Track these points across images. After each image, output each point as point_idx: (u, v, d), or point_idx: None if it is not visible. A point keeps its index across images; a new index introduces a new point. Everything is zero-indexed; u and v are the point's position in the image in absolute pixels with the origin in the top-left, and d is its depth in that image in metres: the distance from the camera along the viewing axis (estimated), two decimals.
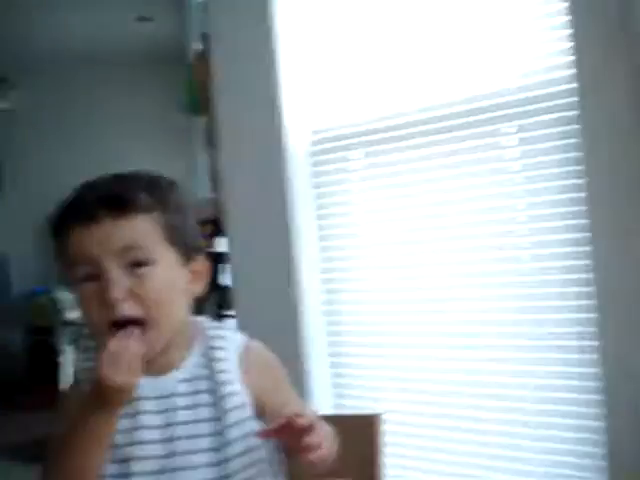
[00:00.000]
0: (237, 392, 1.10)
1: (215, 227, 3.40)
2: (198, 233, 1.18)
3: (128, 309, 1.02)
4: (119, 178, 1.11)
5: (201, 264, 1.15)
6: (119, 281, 1.02)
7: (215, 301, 3.43)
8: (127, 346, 0.99)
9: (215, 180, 3.19)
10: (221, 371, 1.11)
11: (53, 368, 5.28)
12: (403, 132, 2.31)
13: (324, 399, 2.55)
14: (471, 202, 2.19)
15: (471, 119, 2.14)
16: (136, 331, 1.01)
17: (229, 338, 1.16)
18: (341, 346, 2.59)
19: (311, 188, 2.56)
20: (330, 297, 2.58)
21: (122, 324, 1.02)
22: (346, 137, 2.46)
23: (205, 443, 1.07)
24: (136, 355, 0.99)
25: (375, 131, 2.39)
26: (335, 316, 2.58)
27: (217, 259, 3.41)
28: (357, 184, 2.49)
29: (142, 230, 1.06)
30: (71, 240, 1.06)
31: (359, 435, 1.39)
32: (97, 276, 1.04)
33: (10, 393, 6.04)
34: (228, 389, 1.10)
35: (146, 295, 1.04)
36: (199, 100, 3.28)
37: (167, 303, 1.07)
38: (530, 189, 2.06)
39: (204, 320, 1.20)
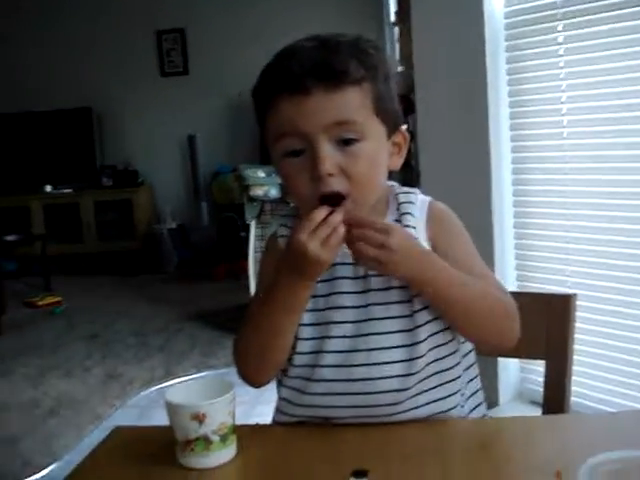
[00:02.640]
0: None
1: (405, 104, 3.35)
2: (399, 101, 1.12)
3: (337, 184, 1.01)
4: (325, 44, 1.03)
5: (401, 136, 1.11)
6: (330, 156, 0.99)
7: (401, 179, 3.46)
8: (329, 220, 0.98)
9: (405, 54, 3.11)
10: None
11: (239, 243, 5.59)
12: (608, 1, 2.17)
13: (508, 278, 2.56)
14: None
15: None
16: (340, 208, 0.99)
17: (417, 201, 1.14)
18: (527, 228, 2.56)
19: (504, 64, 2.48)
20: (518, 177, 2.53)
21: (330, 198, 1.00)
22: (544, 7, 2.33)
23: (396, 310, 1.08)
24: (336, 230, 0.98)
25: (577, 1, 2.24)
26: (523, 197, 2.54)
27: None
28: (557, 59, 2.37)
29: (354, 103, 1.01)
30: (279, 112, 1.02)
31: (551, 315, 1.38)
32: (303, 150, 1.01)
33: (201, 265, 6.53)
34: None
35: (355, 171, 1.01)
36: None
37: (373, 178, 1.06)
38: None
39: (395, 185, 1.17)
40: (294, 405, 1.13)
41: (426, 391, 1.08)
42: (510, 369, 2.55)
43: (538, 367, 1.38)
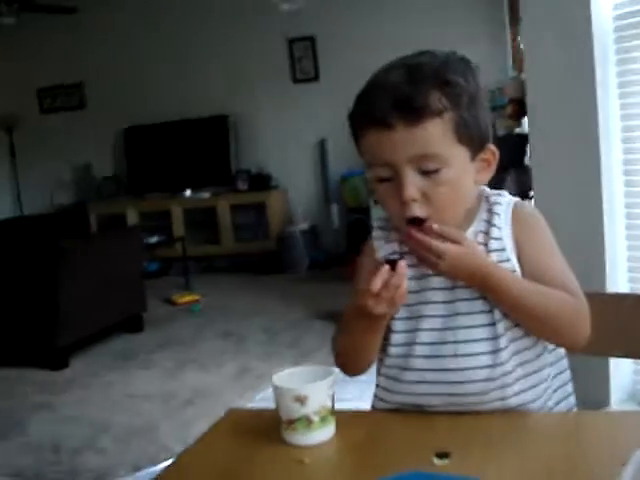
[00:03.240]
0: (507, 259, 1.14)
1: (519, 107, 3.34)
2: (488, 119, 1.17)
3: (418, 209, 1.10)
4: (410, 74, 1.09)
5: (490, 152, 1.16)
6: (412, 183, 1.08)
7: (516, 181, 3.43)
8: (391, 283, 1.07)
9: (518, 58, 3.10)
10: (497, 238, 1.15)
11: None
12: None
13: (619, 281, 2.49)
14: None
15: None
16: (402, 263, 1.08)
17: (504, 203, 1.18)
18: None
19: (614, 66, 2.43)
20: (630, 179, 2.47)
21: (414, 221, 1.10)
22: None
23: (480, 306, 1.15)
24: (400, 291, 1.07)
25: None
26: (634, 198, 2.48)
27: (522, 140, 3.38)
28: None
29: (435, 136, 1.07)
30: (366, 142, 1.12)
31: None
32: (392, 177, 1.11)
33: (331, 265, 6.68)
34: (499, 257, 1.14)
35: (436, 196, 1.09)
36: None
37: (454, 202, 1.13)
38: None
39: (485, 189, 1.22)
40: (391, 392, 1.21)
41: (511, 383, 1.13)
42: (623, 370, 2.49)
43: None
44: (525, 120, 2.99)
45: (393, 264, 1.08)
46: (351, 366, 1.26)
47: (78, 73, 7.54)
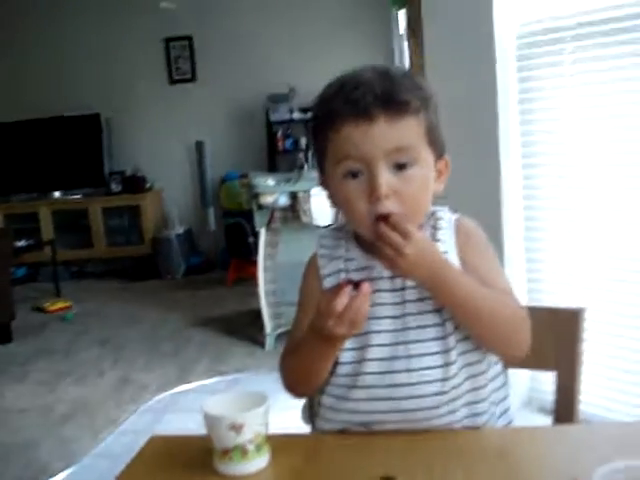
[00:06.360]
0: (455, 264, 1.15)
1: None
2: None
3: (392, 205, 1.08)
4: (385, 75, 1.11)
5: (444, 163, 1.19)
6: (387, 179, 1.07)
7: None
8: (352, 305, 1.05)
9: (415, 69, 3.18)
10: (442, 252, 1.15)
11: (247, 248, 5.65)
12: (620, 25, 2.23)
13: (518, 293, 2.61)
14: None
15: None
16: (366, 285, 1.06)
17: (446, 217, 1.21)
18: (538, 242, 2.62)
19: (516, 83, 2.53)
20: (529, 192, 2.59)
21: (385, 217, 1.08)
22: (556, 30, 2.40)
23: (430, 319, 1.15)
24: (362, 313, 1.06)
25: (589, 24, 2.30)
26: (533, 211, 2.60)
27: None
28: (565, 80, 2.43)
29: (411, 132, 1.10)
30: (343, 136, 1.09)
31: (560, 328, 1.44)
32: (360, 172, 1.09)
33: (208, 270, 6.60)
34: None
35: (407, 193, 1.09)
36: None
37: (422, 200, 1.14)
38: None
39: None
40: (338, 411, 1.19)
41: (461, 395, 1.15)
42: (520, 377, 2.61)
43: (547, 376, 1.44)
44: None
45: (356, 285, 1.07)
46: (301, 388, 1.23)
47: None
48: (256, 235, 4.54)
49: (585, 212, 2.45)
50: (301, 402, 1.35)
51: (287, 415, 1.45)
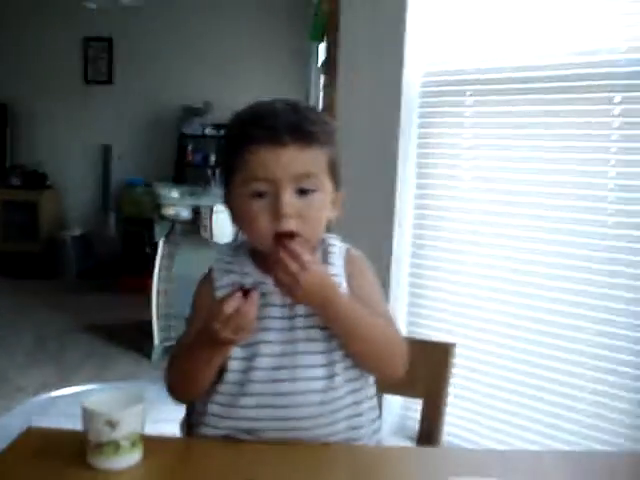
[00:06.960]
0: (343, 287, 1.27)
1: None
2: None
3: (293, 224, 1.18)
4: (295, 107, 1.22)
5: (340, 196, 1.30)
6: (291, 201, 1.17)
7: None
8: (242, 310, 1.13)
9: (327, 103, 3.30)
10: (334, 275, 1.26)
11: (144, 258, 5.60)
12: (512, 86, 2.41)
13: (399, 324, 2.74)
14: (565, 163, 2.30)
15: (581, 83, 2.24)
16: (256, 293, 1.15)
17: (337, 246, 1.32)
18: (421, 278, 2.77)
19: (416, 128, 2.68)
20: (420, 232, 2.74)
21: (283, 235, 1.17)
22: (456, 83, 2.57)
23: (318, 333, 1.24)
24: (249, 319, 1.13)
25: (486, 81, 2.49)
26: (421, 249, 2.75)
27: None
28: (463, 129, 2.61)
29: (317, 161, 1.21)
30: (254, 158, 1.18)
31: (431, 360, 1.55)
32: (266, 193, 1.18)
33: (102, 276, 6.49)
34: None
35: (308, 216, 1.19)
36: (323, 28, 3.36)
37: (320, 224, 1.25)
38: (625, 159, 2.16)
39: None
40: (224, 418, 1.25)
41: (342, 409, 1.24)
42: (393, 405, 2.74)
43: (417, 405, 1.55)
44: None
45: (246, 293, 1.14)
46: (184, 392, 1.29)
47: None
48: (155, 245, 4.52)
49: (467, 254, 2.61)
50: (181, 414, 1.41)
51: (166, 427, 1.49)
